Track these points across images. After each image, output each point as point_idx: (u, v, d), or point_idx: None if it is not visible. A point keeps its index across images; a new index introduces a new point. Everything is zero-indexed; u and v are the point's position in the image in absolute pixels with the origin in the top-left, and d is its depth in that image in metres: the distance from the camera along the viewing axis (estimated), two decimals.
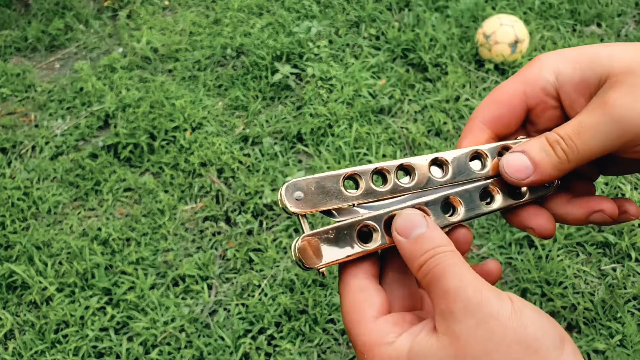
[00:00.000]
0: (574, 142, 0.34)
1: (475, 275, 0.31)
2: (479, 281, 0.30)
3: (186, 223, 1.99)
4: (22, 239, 1.96)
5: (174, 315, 1.71)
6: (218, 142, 2.21)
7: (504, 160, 0.37)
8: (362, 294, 0.34)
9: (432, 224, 0.33)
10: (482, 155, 0.38)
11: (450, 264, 0.31)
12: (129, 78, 2.61)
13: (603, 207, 0.37)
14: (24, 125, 2.48)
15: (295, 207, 0.34)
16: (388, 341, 0.32)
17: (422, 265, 0.32)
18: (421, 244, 0.32)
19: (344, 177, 0.35)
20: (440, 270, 0.31)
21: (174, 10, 3.12)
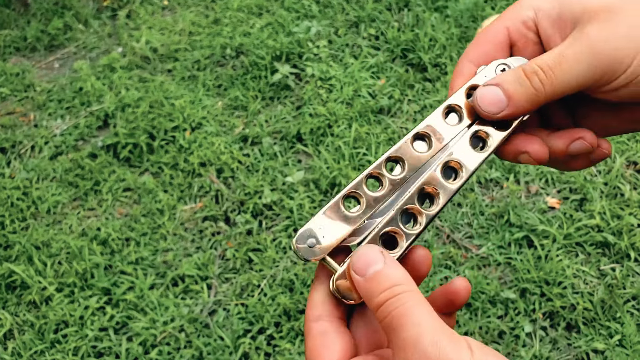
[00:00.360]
0: (553, 72, 0.34)
1: (433, 321, 0.29)
2: (438, 329, 0.29)
3: (186, 223, 1.99)
4: (21, 238, 1.96)
5: (174, 315, 1.71)
6: (217, 142, 2.21)
7: (478, 94, 0.36)
8: (322, 339, 0.33)
9: (389, 260, 0.31)
10: (455, 107, 0.38)
11: (408, 307, 0.29)
12: (129, 78, 2.61)
13: (583, 134, 0.37)
14: (23, 125, 2.48)
15: (314, 256, 0.34)
16: None
17: (380, 306, 0.30)
18: (377, 283, 0.31)
19: (342, 201, 0.35)
20: (398, 315, 0.29)
21: (173, 10, 3.12)
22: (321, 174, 2.02)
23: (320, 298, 0.35)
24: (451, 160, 0.36)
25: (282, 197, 1.98)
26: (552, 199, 1.89)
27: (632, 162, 1.99)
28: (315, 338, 0.33)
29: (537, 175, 1.97)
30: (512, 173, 1.98)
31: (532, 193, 1.93)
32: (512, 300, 1.64)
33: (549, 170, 1.97)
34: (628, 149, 2.01)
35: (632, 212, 1.80)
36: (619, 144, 2.03)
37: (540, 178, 1.96)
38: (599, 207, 1.82)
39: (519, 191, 1.92)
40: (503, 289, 1.66)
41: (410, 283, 0.31)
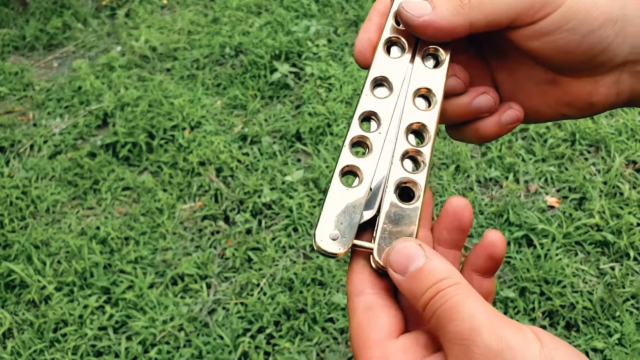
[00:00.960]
0: None
1: (489, 312, 0.26)
2: (496, 320, 0.26)
3: (185, 222, 1.99)
4: (20, 238, 1.96)
5: (173, 314, 1.71)
6: (217, 141, 2.21)
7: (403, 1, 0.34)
8: (367, 315, 0.30)
9: (430, 253, 0.28)
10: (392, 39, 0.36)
11: (458, 300, 0.27)
12: (128, 77, 2.61)
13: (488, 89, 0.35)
14: (22, 124, 2.48)
15: (342, 246, 0.31)
16: None
17: (427, 305, 0.27)
18: (421, 280, 0.28)
19: (340, 180, 0.33)
20: (447, 309, 0.26)
21: (172, 9, 3.12)
22: (320, 173, 2.02)
23: (360, 271, 0.32)
24: (420, 88, 0.34)
25: (282, 196, 1.98)
26: (551, 198, 1.89)
27: (631, 162, 2.00)
28: (360, 315, 0.30)
29: (537, 175, 1.97)
30: (511, 172, 1.98)
31: (531, 192, 1.93)
32: (512, 299, 1.64)
33: (548, 170, 1.97)
34: (627, 148, 2.02)
35: (631, 211, 1.81)
36: (619, 143, 2.03)
37: (539, 177, 1.96)
38: (598, 206, 1.82)
39: (518, 190, 1.93)
40: (502, 288, 1.66)
41: (456, 275, 0.28)
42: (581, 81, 0.34)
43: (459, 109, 0.35)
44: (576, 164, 1.99)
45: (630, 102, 0.35)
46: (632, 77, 0.33)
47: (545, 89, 0.35)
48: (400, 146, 0.33)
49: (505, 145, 2.07)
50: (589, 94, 0.34)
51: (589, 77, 0.34)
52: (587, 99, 0.34)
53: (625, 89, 0.33)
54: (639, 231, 1.75)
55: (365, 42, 0.36)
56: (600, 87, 0.34)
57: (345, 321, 1.63)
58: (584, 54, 0.32)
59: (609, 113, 2.18)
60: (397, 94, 0.35)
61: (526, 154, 2.04)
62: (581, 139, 2.07)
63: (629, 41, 0.32)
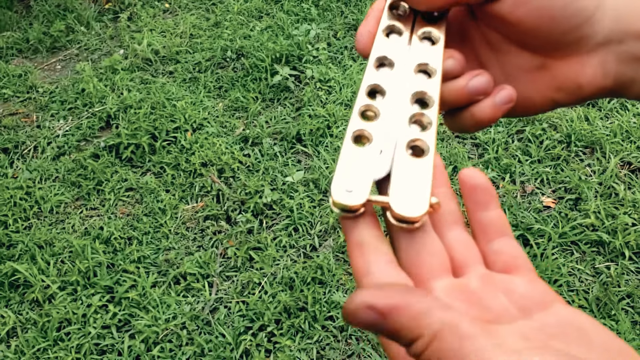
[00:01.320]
0: None
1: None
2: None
3: (187, 222, 2.02)
4: (24, 238, 1.99)
5: (175, 312, 1.74)
6: (218, 142, 2.24)
7: None
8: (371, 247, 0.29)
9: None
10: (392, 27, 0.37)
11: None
12: (130, 79, 2.64)
13: (482, 71, 0.35)
14: (26, 126, 2.51)
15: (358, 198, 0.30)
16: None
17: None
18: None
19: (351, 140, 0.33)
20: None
21: (174, 13, 3.15)
22: (320, 174, 2.05)
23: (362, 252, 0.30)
24: (420, 64, 0.36)
25: (282, 197, 2.01)
26: (547, 199, 1.92)
27: (626, 163, 2.02)
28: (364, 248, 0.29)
29: (533, 175, 2.00)
30: (508, 173, 2.01)
31: (527, 193, 1.96)
32: None
33: (544, 170, 2.00)
34: (622, 150, 2.04)
35: (626, 211, 1.83)
36: (614, 144, 2.06)
37: (535, 178, 1.99)
38: (594, 206, 1.85)
39: (514, 191, 1.95)
40: None
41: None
42: (568, 62, 0.35)
43: (456, 93, 0.36)
44: (572, 165, 2.02)
45: (618, 89, 0.35)
46: (616, 59, 0.34)
47: (535, 76, 0.36)
48: (406, 112, 0.34)
49: (501, 146, 2.10)
50: (577, 74, 0.35)
51: (575, 56, 0.35)
52: (575, 79, 0.35)
53: (610, 71, 0.34)
54: (634, 231, 1.78)
55: (365, 33, 0.38)
56: (587, 68, 0.35)
57: None
58: (567, 22, 0.33)
59: (604, 114, 2.21)
60: (399, 70, 0.36)
61: (522, 155, 2.07)
62: (577, 140, 2.10)
63: (608, 17, 0.33)
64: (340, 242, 1.84)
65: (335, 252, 1.83)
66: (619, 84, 0.35)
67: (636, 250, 1.75)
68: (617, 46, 0.34)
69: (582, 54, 0.34)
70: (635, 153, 2.03)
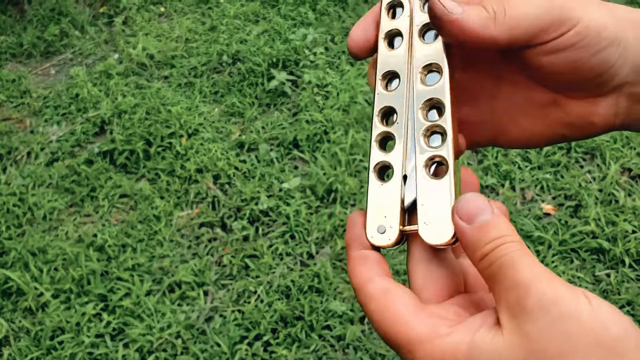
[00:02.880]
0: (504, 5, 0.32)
1: (546, 269, 0.27)
2: (552, 275, 0.27)
3: (182, 229, 1.99)
4: (17, 245, 1.96)
5: (170, 321, 1.71)
6: (214, 148, 2.21)
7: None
8: (388, 295, 0.30)
9: (496, 211, 0.30)
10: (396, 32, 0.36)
11: (520, 255, 0.28)
12: (125, 84, 2.62)
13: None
14: (19, 131, 2.48)
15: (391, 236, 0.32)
16: (441, 333, 0.28)
17: (487, 255, 0.28)
18: (487, 232, 0.29)
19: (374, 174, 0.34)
20: (509, 261, 0.28)
21: (169, 17, 3.13)
22: (318, 180, 2.03)
23: (362, 262, 0.32)
24: (429, 64, 0.35)
25: (279, 203, 1.99)
26: (547, 206, 1.90)
27: (626, 169, 2.01)
28: (379, 298, 0.30)
29: (533, 182, 1.98)
30: (507, 180, 2.00)
31: (527, 199, 1.94)
32: None
33: (544, 177, 1.99)
34: (623, 156, 2.03)
35: (626, 218, 1.82)
36: (614, 150, 2.05)
37: (535, 185, 1.98)
38: (594, 213, 1.83)
39: (514, 198, 1.94)
40: None
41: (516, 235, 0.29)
42: (582, 101, 0.35)
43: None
44: (572, 172, 2.00)
45: (626, 125, 0.36)
46: (628, 99, 0.34)
47: (546, 111, 0.36)
48: (419, 126, 0.34)
49: (501, 152, 2.09)
50: (590, 113, 0.35)
51: (590, 97, 0.35)
52: (588, 117, 0.35)
53: (622, 111, 0.35)
54: (634, 238, 1.76)
55: (360, 33, 0.36)
56: (600, 107, 0.35)
57: (342, 328, 1.63)
58: (591, 71, 0.33)
59: None
60: (405, 81, 0.35)
61: (522, 161, 2.06)
62: (577, 146, 2.08)
63: (628, 64, 0.33)
64: (337, 250, 1.82)
65: (333, 259, 1.81)
66: (628, 121, 0.35)
67: (636, 257, 1.73)
68: (630, 88, 0.34)
69: (597, 96, 0.35)
70: (635, 159, 2.01)
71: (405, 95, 0.35)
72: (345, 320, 1.66)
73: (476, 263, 0.29)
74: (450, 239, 0.31)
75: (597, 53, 0.32)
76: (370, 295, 0.31)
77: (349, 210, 1.92)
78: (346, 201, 1.96)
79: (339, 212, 1.92)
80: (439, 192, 0.32)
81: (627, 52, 0.33)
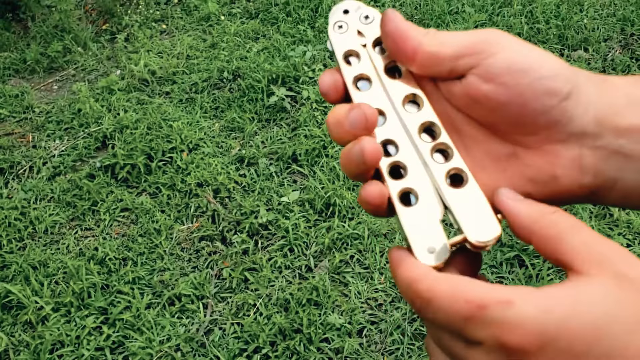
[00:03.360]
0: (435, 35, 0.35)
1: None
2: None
3: (182, 243, 2.01)
4: (18, 258, 1.98)
5: (170, 334, 1.72)
6: (214, 162, 2.24)
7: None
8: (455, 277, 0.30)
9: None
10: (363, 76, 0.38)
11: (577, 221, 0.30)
12: (127, 100, 2.65)
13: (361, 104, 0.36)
14: (22, 146, 2.51)
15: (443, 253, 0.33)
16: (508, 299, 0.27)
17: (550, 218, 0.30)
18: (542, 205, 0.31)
19: (399, 203, 0.35)
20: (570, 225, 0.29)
21: (171, 34, 3.18)
22: (316, 194, 2.05)
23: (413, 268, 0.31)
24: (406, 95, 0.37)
25: (278, 217, 2.01)
26: None
27: None
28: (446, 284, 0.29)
29: None
30: None
31: None
32: None
33: None
34: None
35: (621, 232, 1.84)
36: None
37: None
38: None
39: None
40: None
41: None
42: (541, 152, 0.34)
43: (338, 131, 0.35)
44: None
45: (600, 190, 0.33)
46: (594, 155, 0.32)
47: (505, 165, 0.35)
48: (424, 148, 0.35)
49: None
50: (551, 165, 0.33)
51: (547, 144, 0.33)
52: (549, 170, 0.33)
53: (589, 167, 0.33)
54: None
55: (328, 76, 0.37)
56: (562, 159, 0.33)
57: (341, 341, 1.65)
58: (538, 100, 0.32)
59: None
60: (393, 114, 0.37)
61: None
62: None
63: (582, 107, 0.32)
64: (335, 263, 1.84)
65: (331, 273, 1.83)
66: (600, 183, 0.33)
67: None
68: (593, 140, 0.32)
69: (556, 143, 0.33)
70: None
71: (398, 125, 0.37)
72: (344, 333, 1.67)
73: (539, 230, 0.30)
74: (499, 234, 0.32)
75: (540, 79, 0.32)
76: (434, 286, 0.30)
77: (347, 223, 1.94)
78: (344, 214, 1.99)
79: (337, 226, 1.94)
80: (469, 197, 0.34)
81: (579, 96, 0.32)
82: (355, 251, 1.87)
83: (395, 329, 1.67)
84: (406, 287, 0.31)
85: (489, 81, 0.33)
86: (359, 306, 1.73)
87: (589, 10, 2.80)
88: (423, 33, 0.35)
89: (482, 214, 0.33)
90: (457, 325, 0.28)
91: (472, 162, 0.35)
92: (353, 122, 0.34)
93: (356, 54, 0.39)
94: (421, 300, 0.30)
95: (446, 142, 0.35)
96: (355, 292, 1.76)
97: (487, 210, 0.33)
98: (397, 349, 1.64)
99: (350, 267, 1.84)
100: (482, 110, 0.34)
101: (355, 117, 0.34)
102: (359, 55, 0.38)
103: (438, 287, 0.29)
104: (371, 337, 1.67)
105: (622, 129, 0.32)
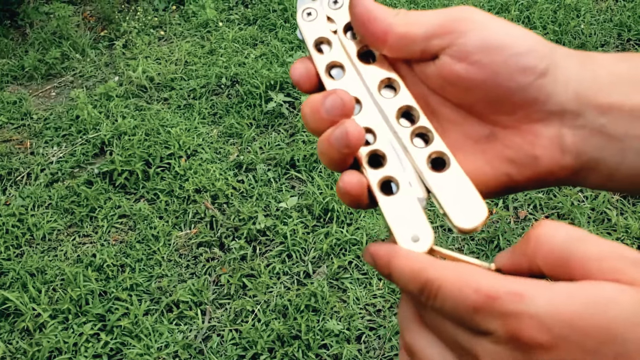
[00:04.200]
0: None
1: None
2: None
3: (180, 249, 2.01)
4: (16, 265, 1.97)
5: (168, 341, 1.72)
6: (212, 168, 2.24)
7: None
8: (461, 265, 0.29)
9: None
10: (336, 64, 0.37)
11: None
12: (125, 106, 2.65)
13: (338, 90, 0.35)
14: (20, 153, 2.51)
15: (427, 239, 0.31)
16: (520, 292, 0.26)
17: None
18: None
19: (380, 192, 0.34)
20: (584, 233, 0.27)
21: (169, 40, 3.18)
22: (314, 200, 2.05)
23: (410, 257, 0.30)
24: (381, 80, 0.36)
25: (276, 223, 2.01)
26: None
27: None
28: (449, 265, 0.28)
29: (526, 201, 2.01)
30: (500, 199, 2.02)
31: (521, 218, 1.96)
32: None
33: (537, 196, 2.01)
34: None
35: (619, 237, 1.84)
36: None
37: (528, 204, 2.00)
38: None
39: (508, 217, 1.96)
40: None
41: None
42: (520, 131, 0.33)
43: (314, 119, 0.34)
44: (564, 191, 2.03)
45: (582, 171, 0.32)
46: (574, 134, 0.31)
47: (485, 146, 0.34)
48: (403, 134, 0.34)
49: None
50: (531, 144, 0.32)
51: (526, 123, 0.33)
52: (529, 150, 0.32)
53: (569, 147, 0.32)
54: None
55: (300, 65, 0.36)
56: (542, 139, 0.32)
57: (339, 347, 1.64)
58: (513, 78, 0.31)
59: None
60: (369, 101, 0.36)
61: None
62: None
63: (560, 85, 0.31)
64: (333, 269, 1.84)
65: (329, 278, 1.83)
66: (581, 164, 0.32)
67: None
68: (574, 119, 0.31)
69: (535, 122, 0.32)
70: None
71: (374, 112, 0.36)
72: (342, 339, 1.66)
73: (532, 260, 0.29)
74: (486, 217, 0.31)
75: (515, 55, 0.31)
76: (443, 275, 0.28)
77: (345, 229, 1.94)
78: (342, 220, 1.99)
79: (336, 231, 1.94)
80: (452, 181, 0.32)
81: (556, 72, 0.31)
82: (353, 257, 1.87)
83: (394, 335, 1.66)
84: (411, 277, 0.29)
85: (462, 60, 0.32)
86: (357, 312, 1.72)
87: (585, 15, 2.81)
88: (393, 14, 0.34)
89: (467, 197, 0.32)
90: (465, 314, 0.27)
91: (450, 145, 0.34)
92: (330, 109, 0.33)
93: (327, 41, 0.37)
94: (430, 288, 0.28)
95: (426, 126, 0.34)
96: (354, 298, 1.76)
97: (472, 192, 0.32)
98: (395, 355, 1.63)
99: (349, 273, 1.84)
100: (457, 91, 0.33)
101: (331, 103, 0.33)
102: (330, 43, 0.37)
103: (446, 275, 0.28)
104: (370, 343, 1.66)
105: (604, 106, 0.31)
